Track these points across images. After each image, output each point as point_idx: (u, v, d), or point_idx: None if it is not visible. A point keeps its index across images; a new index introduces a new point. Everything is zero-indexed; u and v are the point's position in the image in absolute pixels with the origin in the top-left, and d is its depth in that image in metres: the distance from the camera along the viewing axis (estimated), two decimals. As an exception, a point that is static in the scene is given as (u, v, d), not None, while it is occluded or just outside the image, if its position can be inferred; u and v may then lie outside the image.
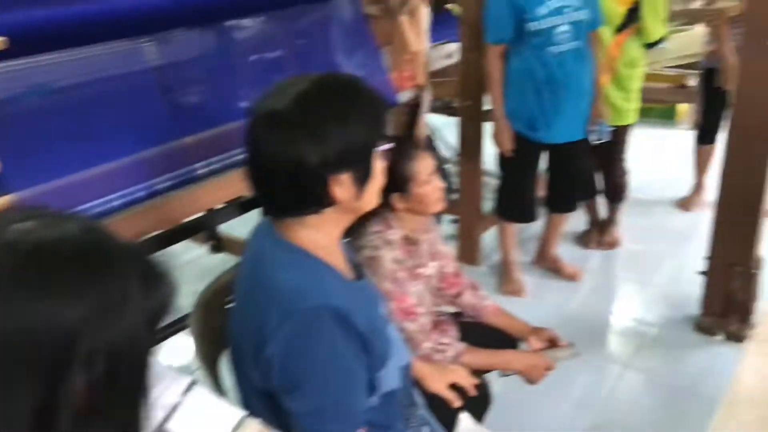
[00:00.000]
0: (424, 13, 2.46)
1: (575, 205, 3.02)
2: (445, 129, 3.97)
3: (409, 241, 1.90)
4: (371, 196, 1.15)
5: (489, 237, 3.28)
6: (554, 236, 3.13)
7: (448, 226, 3.34)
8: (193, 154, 1.58)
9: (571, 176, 2.92)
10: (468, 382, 1.67)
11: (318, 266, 1.13)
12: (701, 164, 3.66)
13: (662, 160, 4.43)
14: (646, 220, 3.67)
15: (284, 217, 1.13)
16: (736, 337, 2.62)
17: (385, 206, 1.87)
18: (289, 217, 1.13)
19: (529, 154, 2.80)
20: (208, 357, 1.32)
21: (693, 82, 4.13)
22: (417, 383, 1.60)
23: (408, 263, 1.88)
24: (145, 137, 1.48)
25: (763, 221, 2.52)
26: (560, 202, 3.01)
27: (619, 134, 3.07)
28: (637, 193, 3.78)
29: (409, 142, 1.91)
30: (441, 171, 2.85)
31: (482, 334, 2.12)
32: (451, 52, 3.22)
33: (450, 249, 2.10)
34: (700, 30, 3.81)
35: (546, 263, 3.18)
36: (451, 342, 1.87)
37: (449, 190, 3.20)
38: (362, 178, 1.11)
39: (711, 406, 2.32)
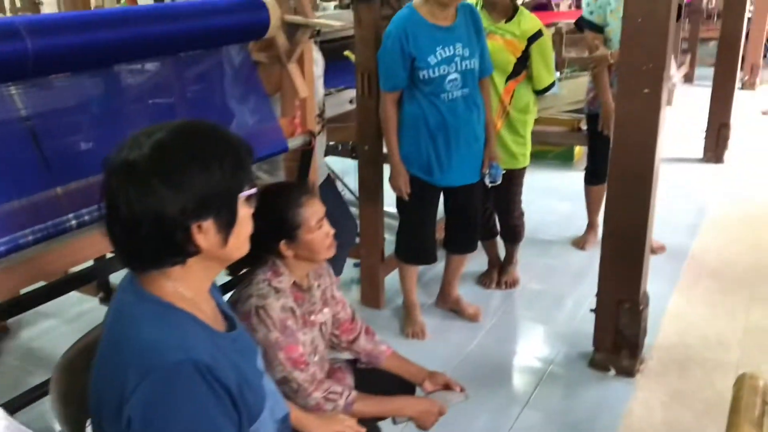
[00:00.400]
0: (318, 60, 2.48)
1: (473, 246, 3.08)
2: (350, 173, 4.01)
3: (300, 288, 1.88)
4: (238, 244, 1.13)
5: (393, 280, 3.29)
6: (454, 277, 3.17)
7: (351, 269, 3.33)
8: (66, 205, 1.52)
9: (468, 218, 2.98)
10: (354, 431, 1.65)
11: (181, 319, 1.09)
12: (592, 204, 3.82)
13: (560, 200, 4.60)
14: (545, 259, 3.78)
15: (147, 269, 1.10)
16: (627, 372, 2.70)
17: (274, 253, 1.86)
18: (152, 269, 1.09)
19: (426, 197, 2.85)
20: (73, 421, 1.25)
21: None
22: (300, 435, 1.57)
23: (299, 310, 1.86)
24: (8, 188, 1.40)
25: (648, 258, 2.64)
26: (458, 244, 3.06)
27: (514, 177, 3.17)
28: (536, 233, 3.91)
29: (297, 188, 1.90)
30: (346, 214, 2.85)
31: (379, 379, 2.11)
32: (352, 97, 3.26)
33: (341, 294, 2.09)
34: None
35: (447, 304, 3.21)
36: (342, 390, 1.85)
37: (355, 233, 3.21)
38: (226, 225, 1.09)
39: (605, 441, 2.39)
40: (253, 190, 1.13)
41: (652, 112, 2.39)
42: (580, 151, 5.29)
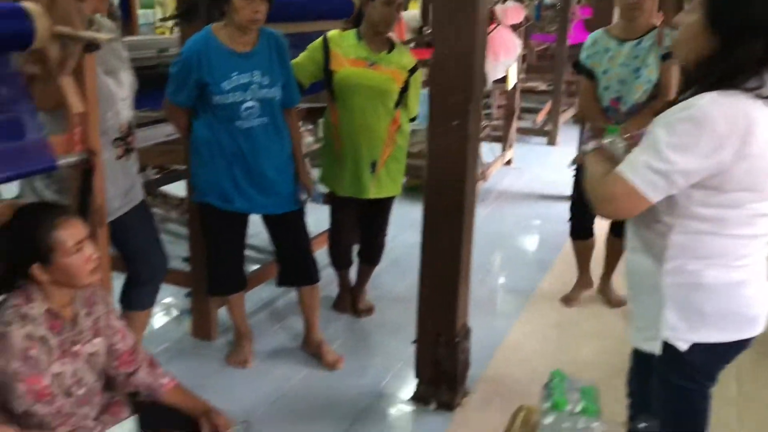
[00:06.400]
0: (124, 81, 2.34)
1: (312, 276, 2.91)
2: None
3: (57, 316, 1.75)
4: None
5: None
6: (311, 316, 3.00)
7: (182, 299, 3.20)
8: None
9: (297, 247, 2.87)
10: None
11: None
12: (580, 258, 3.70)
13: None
14: (399, 289, 3.73)
15: None
16: (447, 406, 2.67)
17: (27, 277, 1.73)
18: None
19: (226, 226, 2.75)
20: None
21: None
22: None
23: (54, 339, 1.73)
24: None
25: (465, 292, 2.63)
26: (293, 276, 2.93)
27: (391, 203, 3.22)
28: (398, 264, 3.90)
29: (53, 208, 1.78)
30: (155, 245, 2.68)
31: (161, 413, 2.00)
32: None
33: (123, 324, 1.96)
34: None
35: (311, 348, 3.04)
36: (95, 427, 1.73)
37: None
38: None
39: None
40: None
41: (461, 143, 2.39)
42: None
